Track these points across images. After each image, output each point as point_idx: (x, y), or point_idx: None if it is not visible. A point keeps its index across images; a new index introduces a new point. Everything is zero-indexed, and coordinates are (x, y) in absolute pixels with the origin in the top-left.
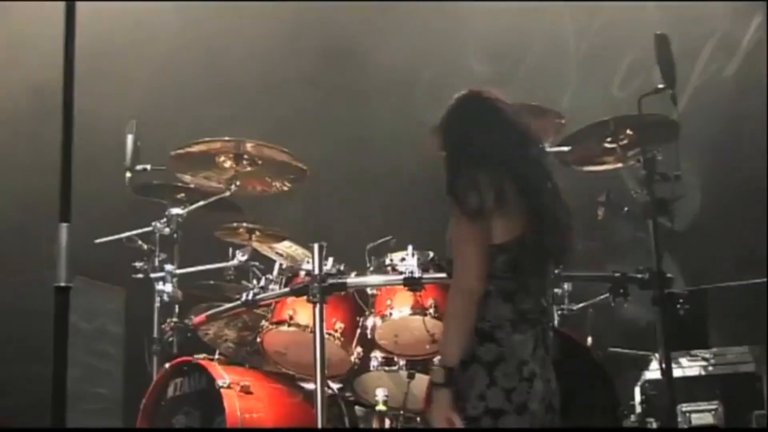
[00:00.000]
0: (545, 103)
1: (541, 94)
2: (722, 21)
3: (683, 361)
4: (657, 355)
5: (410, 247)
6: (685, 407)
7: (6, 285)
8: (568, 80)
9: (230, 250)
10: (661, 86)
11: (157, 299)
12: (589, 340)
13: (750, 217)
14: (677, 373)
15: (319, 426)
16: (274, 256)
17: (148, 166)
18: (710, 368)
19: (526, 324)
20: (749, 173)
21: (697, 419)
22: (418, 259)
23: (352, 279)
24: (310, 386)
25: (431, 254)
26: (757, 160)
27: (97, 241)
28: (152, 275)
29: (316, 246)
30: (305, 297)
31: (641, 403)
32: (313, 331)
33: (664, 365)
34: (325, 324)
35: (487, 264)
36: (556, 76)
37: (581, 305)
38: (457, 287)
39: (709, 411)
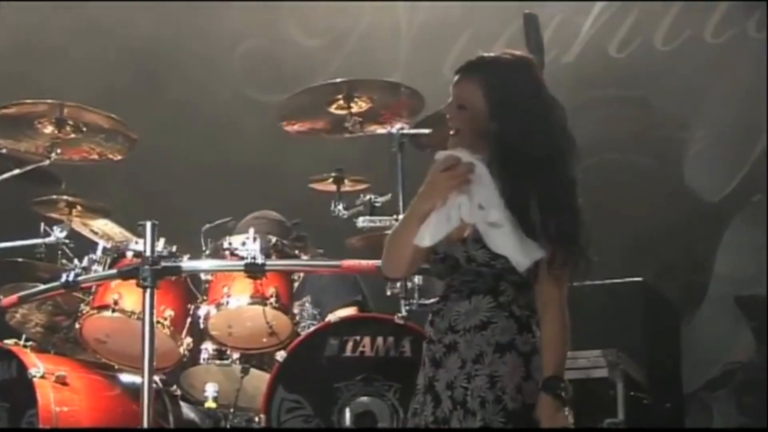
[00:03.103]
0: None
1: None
2: (561, 7)
3: None
4: None
5: (251, 230)
6: None
7: None
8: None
9: (41, 225)
10: None
11: None
12: None
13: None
14: None
15: (145, 423)
16: (88, 234)
17: None
18: None
19: None
20: (591, 166)
21: None
22: (260, 243)
23: (188, 262)
24: (128, 378)
25: (273, 239)
26: (596, 152)
27: None
28: None
29: (148, 224)
30: (134, 281)
31: None
32: (142, 319)
33: None
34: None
35: None
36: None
37: (432, 300)
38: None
39: None
